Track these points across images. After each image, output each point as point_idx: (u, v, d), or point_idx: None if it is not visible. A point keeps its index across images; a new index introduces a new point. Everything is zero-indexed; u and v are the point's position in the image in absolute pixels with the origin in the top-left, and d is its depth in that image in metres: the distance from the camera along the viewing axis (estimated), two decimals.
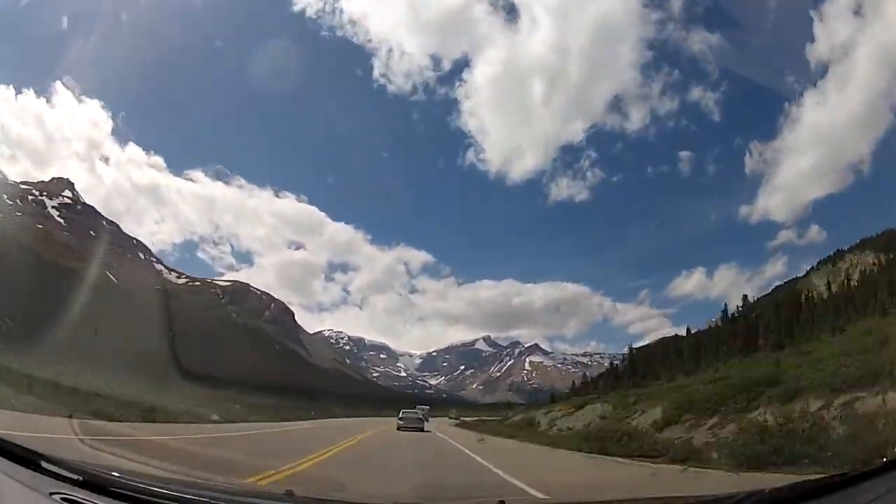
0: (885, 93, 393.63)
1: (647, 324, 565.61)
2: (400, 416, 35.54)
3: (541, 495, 8.46)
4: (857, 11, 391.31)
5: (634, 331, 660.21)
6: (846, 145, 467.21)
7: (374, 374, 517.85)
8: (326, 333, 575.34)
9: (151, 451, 9.78)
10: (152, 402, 25.79)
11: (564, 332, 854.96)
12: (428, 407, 48.28)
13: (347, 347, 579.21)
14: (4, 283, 75.65)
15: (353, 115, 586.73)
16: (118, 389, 28.15)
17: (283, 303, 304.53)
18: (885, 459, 2.71)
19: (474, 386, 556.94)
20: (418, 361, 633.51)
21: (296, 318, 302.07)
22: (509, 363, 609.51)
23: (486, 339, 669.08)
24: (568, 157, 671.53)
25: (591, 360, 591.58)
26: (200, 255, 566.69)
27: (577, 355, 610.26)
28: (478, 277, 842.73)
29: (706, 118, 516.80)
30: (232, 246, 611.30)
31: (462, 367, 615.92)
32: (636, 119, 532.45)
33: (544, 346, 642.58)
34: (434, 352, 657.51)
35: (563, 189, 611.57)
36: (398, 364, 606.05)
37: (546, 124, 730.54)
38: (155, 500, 2.64)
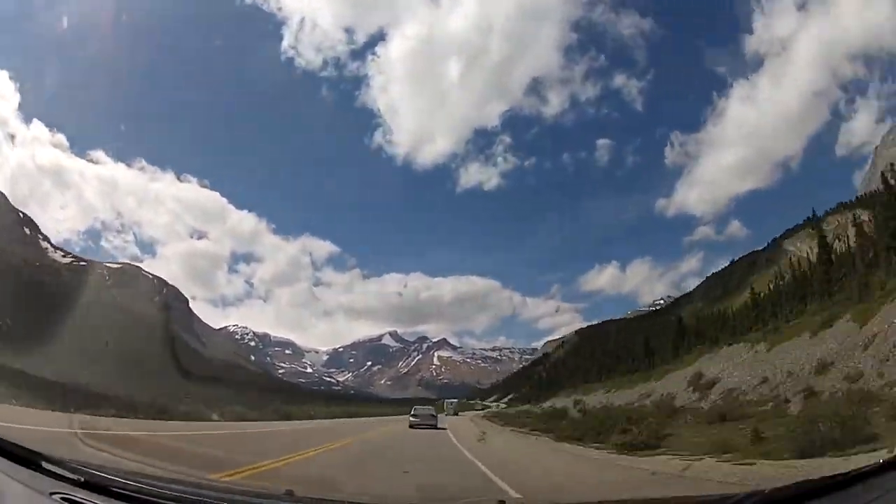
0: (821, 90, 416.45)
1: (557, 318, 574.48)
2: (412, 413, 34.06)
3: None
4: (802, 6, 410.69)
5: (544, 325, 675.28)
6: (776, 141, 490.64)
7: (280, 371, 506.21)
8: (231, 329, 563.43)
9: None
10: None
11: (473, 326, 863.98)
12: (456, 400, 50.35)
13: (253, 343, 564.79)
14: None
15: (258, 92, 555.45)
16: None
17: (177, 289, 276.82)
18: (885, 459, 2.72)
19: (382, 382, 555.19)
20: (325, 358, 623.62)
21: (190, 305, 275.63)
22: (417, 358, 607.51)
23: (393, 335, 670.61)
24: (481, 141, 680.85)
25: (500, 355, 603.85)
26: (105, 244, 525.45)
27: (486, 350, 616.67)
28: (385, 270, 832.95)
29: (628, 107, 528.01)
30: (135, 234, 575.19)
31: (369, 363, 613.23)
32: (555, 104, 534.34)
33: (453, 340, 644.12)
34: (340, 348, 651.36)
35: (474, 176, 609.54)
36: (304, 360, 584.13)
37: (461, 106, 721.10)
38: (155, 500, 2.64)
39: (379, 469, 11.66)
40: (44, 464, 2.76)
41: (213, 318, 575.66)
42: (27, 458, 2.78)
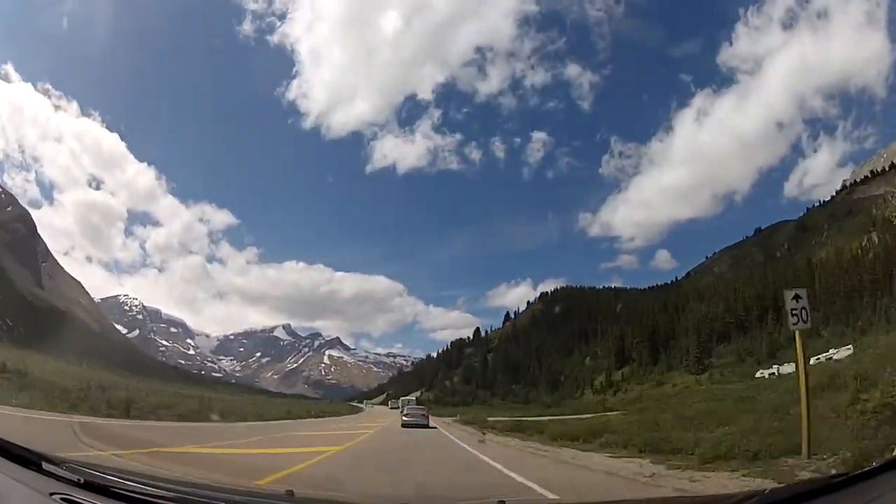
0: (785, 122, 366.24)
1: (459, 332, 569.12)
2: (405, 411, 30.84)
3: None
4: (789, 25, 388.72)
5: (442, 336, 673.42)
6: (725, 168, 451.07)
7: (161, 348, 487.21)
8: (122, 299, 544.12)
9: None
10: None
11: (371, 329, 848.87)
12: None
13: (140, 317, 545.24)
14: None
15: (162, 16, 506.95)
16: None
17: (25, 210, 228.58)
18: (884, 459, 2.75)
19: (269, 375, 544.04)
20: (215, 343, 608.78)
21: (38, 232, 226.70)
22: (308, 355, 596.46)
23: (286, 328, 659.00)
24: (405, 112, 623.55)
25: (394, 362, 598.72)
26: (6, 179, 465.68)
27: (380, 355, 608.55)
28: (285, 257, 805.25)
29: (574, 102, 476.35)
30: (36, 173, 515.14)
31: (258, 354, 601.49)
32: (495, 82, 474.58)
33: (348, 341, 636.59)
34: (232, 335, 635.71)
35: (392, 151, 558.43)
36: (188, 341, 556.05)
37: (391, 67, 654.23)
38: (155, 500, 2.67)
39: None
40: (44, 464, 2.78)
41: (106, 284, 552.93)
42: (27, 459, 2.81)
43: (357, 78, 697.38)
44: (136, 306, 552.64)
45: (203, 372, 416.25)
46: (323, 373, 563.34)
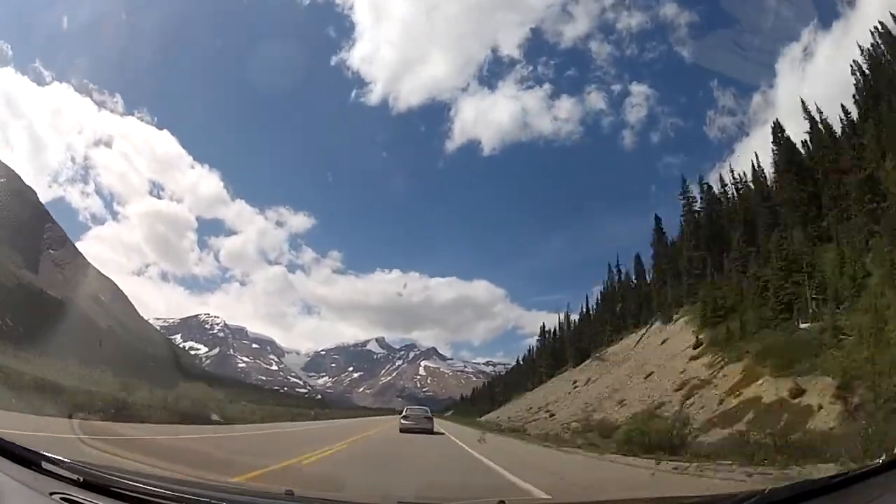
0: None
1: None
2: (403, 413, 29.98)
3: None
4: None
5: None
6: None
7: (241, 365, 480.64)
8: (202, 318, 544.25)
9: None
10: None
11: (470, 337, 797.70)
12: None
13: (222, 335, 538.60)
14: None
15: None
16: None
17: (28, 188, 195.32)
18: (884, 459, 2.82)
19: (361, 389, 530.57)
20: (305, 360, 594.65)
21: (51, 217, 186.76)
22: (402, 367, 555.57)
23: (380, 341, 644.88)
24: (489, 68, 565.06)
25: (494, 370, 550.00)
26: (65, 195, 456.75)
27: (479, 364, 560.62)
28: (374, 264, 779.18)
29: (673, 47, 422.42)
30: (94, 184, 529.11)
31: (350, 369, 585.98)
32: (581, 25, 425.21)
33: (444, 351, 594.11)
34: (323, 351, 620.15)
35: (479, 122, 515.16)
36: (270, 357, 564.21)
37: (468, 17, 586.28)
38: (155, 500, 2.73)
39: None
40: (44, 464, 2.82)
41: (188, 303, 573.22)
42: (27, 458, 2.85)
43: (427, 33, 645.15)
44: (217, 324, 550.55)
45: (286, 388, 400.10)
46: (418, 384, 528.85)
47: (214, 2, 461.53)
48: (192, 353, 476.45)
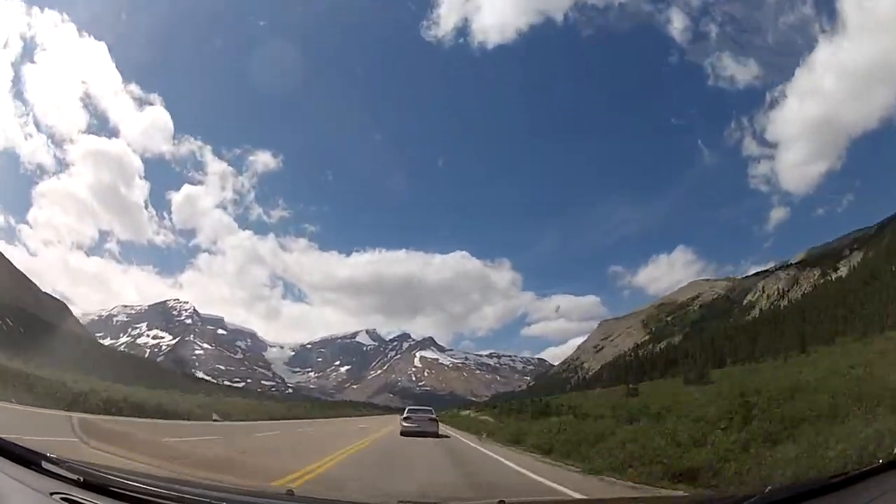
0: None
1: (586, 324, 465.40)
2: (405, 415, 28.46)
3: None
4: None
5: (555, 332, 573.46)
6: None
7: (197, 352, 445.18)
8: (170, 304, 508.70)
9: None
10: None
11: (474, 326, 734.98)
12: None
13: (189, 322, 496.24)
14: None
15: None
16: None
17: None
18: (884, 459, 2.86)
19: (348, 385, 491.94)
20: (290, 354, 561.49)
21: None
22: (395, 358, 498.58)
23: (371, 333, 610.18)
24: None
25: (499, 363, 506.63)
26: None
27: (482, 356, 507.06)
28: (367, 240, 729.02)
29: None
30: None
31: (337, 363, 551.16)
32: None
33: (443, 342, 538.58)
34: (308, 344, 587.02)
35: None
36: (237, 344, 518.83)
37: None
38: (155, 500, 2.74)
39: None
40: (44, 464, 2.84)
41: (159, 287, 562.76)
42: (27, 458, 2.87)
43: None
44: (186, 310, 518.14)
45: (249, 380, 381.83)
46: (413, 378, 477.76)
47: None
48: (154, 341, 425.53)
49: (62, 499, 2.55)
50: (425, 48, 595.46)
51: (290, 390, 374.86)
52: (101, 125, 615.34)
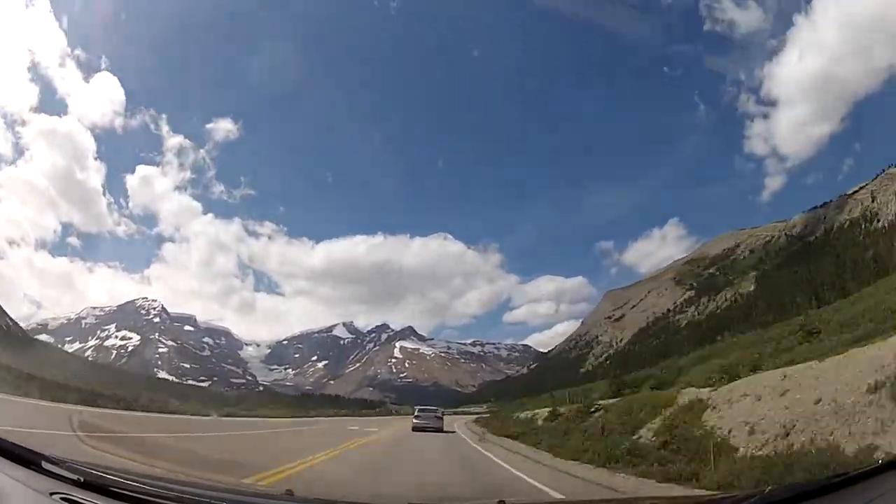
0: None
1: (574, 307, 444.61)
2: (416, 413, 34.05)
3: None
4: None
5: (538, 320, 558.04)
6: None
7: (161, 350, 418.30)
8: (138, 303, 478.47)
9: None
10: None
11: (455, 313, 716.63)
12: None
13: (157, 320, 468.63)
14: None
15: None
16: None
17: None
18: (884, 459, 2.90)
19: (325, 380, 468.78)
20: (266, 352, 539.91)
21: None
22: (373, 351, 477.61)
23: (348, 326, 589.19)
24: None
25: (483, 351, 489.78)
26: None
27: (465, 344, 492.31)
28: (342, 230, 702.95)
29: None
30: None
31: (314, 359, 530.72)
32: None
33: (424, 331, 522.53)
34: (285, 341, 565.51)
35: None
36: (205, 340, 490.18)
37: None
38: (155, 500, 2.77)
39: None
40: (44, 464, 2.86)
41: (127, 286, 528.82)
42: (27, 459, 2.89)
43: None
44: (154, 309, 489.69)
45: (216, 378, 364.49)
46: (394, 370, 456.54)
47: None
48: (122, 342, 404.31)
49: (62, 499, 2.54)
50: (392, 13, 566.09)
51: (261, 388, 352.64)
52: (49, 99, 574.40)
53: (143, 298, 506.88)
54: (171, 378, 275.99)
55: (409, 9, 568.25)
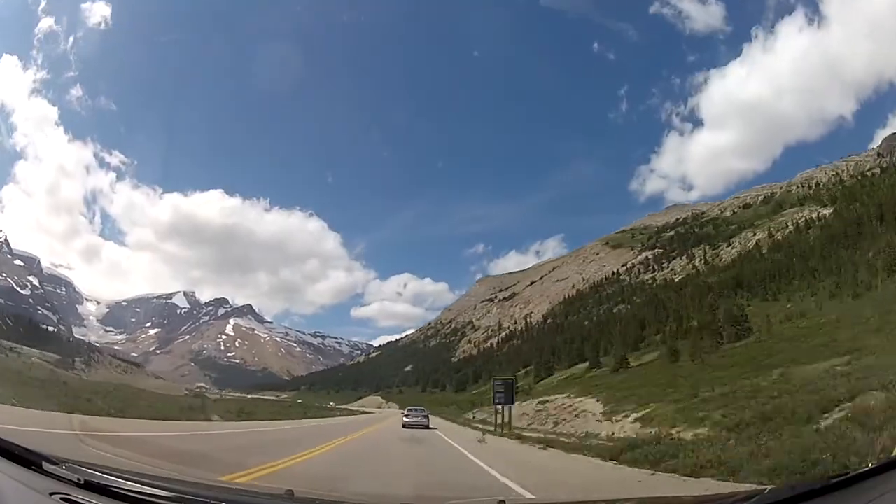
0: None
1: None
2: (406, 413, 37.67)
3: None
4: None
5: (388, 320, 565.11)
6: None
7: None
8: None
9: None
10: None
11: (304, 300, 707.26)
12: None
13: None
14: None
15: None
16: None
17: None
18: (884, 460, 3.02)
19: (152, 349, 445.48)
20: (104, 311, 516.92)
21: None
22: (205, 323, 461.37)
23: (189, 296, 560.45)
24: None
25: (322, 343, 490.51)
26: None
27: (305, 333, 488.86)
28: (196, 186, 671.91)
29: None
30: None
31: (148, 325, 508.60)
32: None
33: (265, 314, 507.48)
34: (124, 302, 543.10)
35: None
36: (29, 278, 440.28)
37: None
38: (155, 500, 2.79)
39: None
40: (44, 464, 2.87)
41: None
42: (27, 459, 2.90)
43: None
44: None
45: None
46: (222, 347, 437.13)
47: None
48: None
49: (62, 499, 2.54)
50: None
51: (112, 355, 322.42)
52: None
53: None
54: None
55: None
